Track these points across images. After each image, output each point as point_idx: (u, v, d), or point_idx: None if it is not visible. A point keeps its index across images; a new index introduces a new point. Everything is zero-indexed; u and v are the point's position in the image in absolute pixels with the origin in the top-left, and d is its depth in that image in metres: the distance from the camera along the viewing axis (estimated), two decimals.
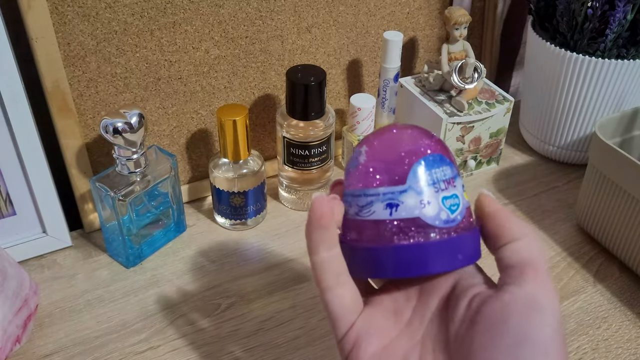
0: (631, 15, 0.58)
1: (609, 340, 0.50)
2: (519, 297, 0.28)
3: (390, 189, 0.30)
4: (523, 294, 0.29)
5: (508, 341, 0.27)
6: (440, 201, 0.30)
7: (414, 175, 0.30)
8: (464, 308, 0.30)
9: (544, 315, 0.28)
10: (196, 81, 0.59)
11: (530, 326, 0.27)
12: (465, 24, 0.62)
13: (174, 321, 0.51)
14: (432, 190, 0.30)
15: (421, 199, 0.30)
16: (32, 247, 0.55)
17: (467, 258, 0.30)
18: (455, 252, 0.30)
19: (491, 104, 0.65)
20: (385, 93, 0.66)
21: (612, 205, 0.55)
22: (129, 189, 0.51)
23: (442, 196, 0.30)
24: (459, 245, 0.30)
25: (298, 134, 0.58)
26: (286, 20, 0.60)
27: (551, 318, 0.28)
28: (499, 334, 0.28)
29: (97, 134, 0.56)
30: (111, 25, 0.52)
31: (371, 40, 0.67)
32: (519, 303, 0.28)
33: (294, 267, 0.56)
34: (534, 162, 0.71)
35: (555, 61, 0.62)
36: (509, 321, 0.28)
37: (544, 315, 0.28)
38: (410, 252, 0.30)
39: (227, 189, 0.57)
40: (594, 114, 0.64)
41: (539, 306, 0.28)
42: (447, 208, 0.30)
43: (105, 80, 0.54)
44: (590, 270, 0.57)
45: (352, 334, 0.31)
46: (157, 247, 0.58)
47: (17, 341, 0.46)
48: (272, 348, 0.49)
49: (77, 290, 0.53)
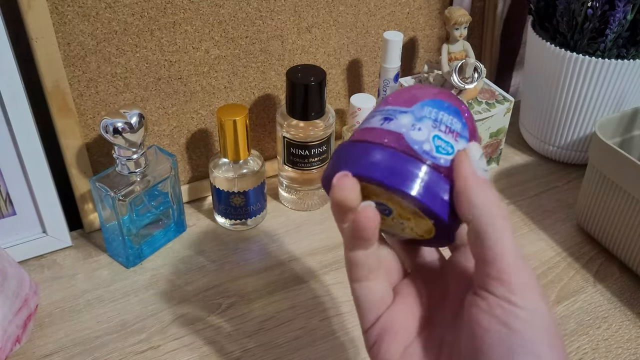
0: (631, 15, 0.58)
1: (609, 340, 0.50)
2: (494, 302, 0.27)
3: (394, 108, 0.31)
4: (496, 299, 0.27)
5: (498, 351, 0.26)
6: (431, 135, 0.29)
7: (420, 106, 0.30)
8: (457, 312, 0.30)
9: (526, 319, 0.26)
10: (196, 81, 0.59)
11: (515, 334, 0.26)
12: (465, 24, 0.62)
13: (174, 321, 0.51)
14: (430, 124, 0.30)
15: (414, 123, 0.29)
16: (32, 247, 0.55)
17: (426, 195, 0.28)
18: (413, 177, 0.28)
19: (491, 104, 0.65)
20: (385, 93, 0.66)
21: (612, 205, 0.55)
22: (129, 189, 0.51)
23: (436, 134, 0.29)
24: (420, 176, 0.28)
25: (298, 134, 0.58)
26: (286, 20, 0.60)
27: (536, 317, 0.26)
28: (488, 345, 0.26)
29: (97, 134, 0.56)
30: (111, 25, 0.52)
31: (371, 40, 0.67)
32: (496, 309, 0.26)
33: (294, 267, 0.56)
34: (534, 162, 0.71)
35: (555, 61, 0.62)
36: (491, 331, 0.26)
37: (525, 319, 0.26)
38: (373, 152, 0.29)
39: (227, 189, 0.57)
40: (594, 114, 0.64)
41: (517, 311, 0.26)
42: (434, 144, 0.29)
43: (105, 80, 0.54)
44: (590, 270, 0.57)
45: (377, 327, 0.31)
46: (157, 247, 0.58)
47: (17, 341, 0.46)
48: (272, 348, 0.49)
49: (77, 290, 0.53)
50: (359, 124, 0.64)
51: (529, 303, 0.26)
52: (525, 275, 0.27)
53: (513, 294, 0.26)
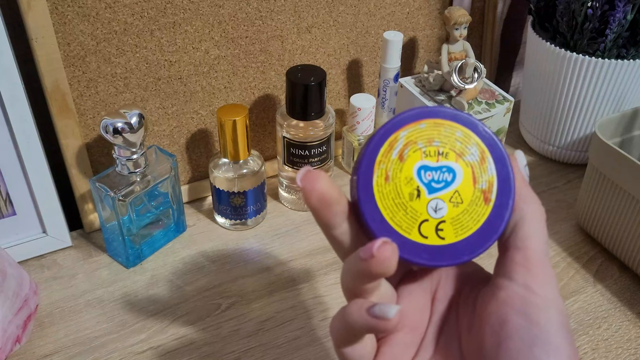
0: (631, 15, 0.58)
1: (609, 340, 0.50)
2: (514, 292, 0.26)
3: None
4: (516, 287, 0.27)
5: (516, 345, 0.25)
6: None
7: None
8: (470, 314, 0.29)
9: (546, 310, 0.26)
10: (196, 81, 0.59)
11: (534, 326, 0.25)
12: (465, 24, 0.62)
13: (174, 321, 0.51)
14: None
15: None
16: (32, 247, 0.55)
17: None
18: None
19: (491, 104, 0.65)
20: (385, 93, 0.67)
21: (612, 205, 0.55)
22: (129, 189, 0.51)
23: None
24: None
25: (298, 134, 0.58)
26: (286, 20, 0.60)
27: (553, 310, 0.26)
28: (506, 338, 0.26)
29: (97, 134, 0.56)
30: (111, 25, 0.52)
31: (371, 40, 0.67)
32: (515, 299, 0.26)
33: (294, 267, 0.56)
34: (534, 162, 0.71)
35: (555, 61, 0.62)
36: (510, 322, 0.26)
37: (544, 310, 0.26)
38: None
39: (227, 189, 0.57)
40: (594, 114, 0.64)
41: (537, 300, 0.26)
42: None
43: (105, 80, 0.54)
44: (590, 270, 0.57)
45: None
46: (157, 247, 0.58)
47: (17, 341, 0.46)
48: (272, 348, 0.49)
49: (77, 290, 0.53)
50: (358, 124, 0.64)
51: (548, 293, 0.26)
52: (547, 270, 0.27)
53: (534, 282, 0.26)
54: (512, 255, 0.27)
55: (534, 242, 0.27)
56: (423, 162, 0.28)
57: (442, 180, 0.28)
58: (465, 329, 0.29)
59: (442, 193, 0.28)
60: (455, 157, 0.28)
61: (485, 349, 0.27)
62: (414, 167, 0.28)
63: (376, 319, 0.26)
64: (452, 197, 0.28)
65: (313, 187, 0.26)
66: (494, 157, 0.29)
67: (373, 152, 0.28)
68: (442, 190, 0.28)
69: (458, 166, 0.28)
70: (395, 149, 0.28)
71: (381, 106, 0.67)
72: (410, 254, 0.28)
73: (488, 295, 0.28)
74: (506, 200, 0.28)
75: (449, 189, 0.28)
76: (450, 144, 0.28)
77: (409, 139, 0.28)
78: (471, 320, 0.29)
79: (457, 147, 0.28)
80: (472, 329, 0.28)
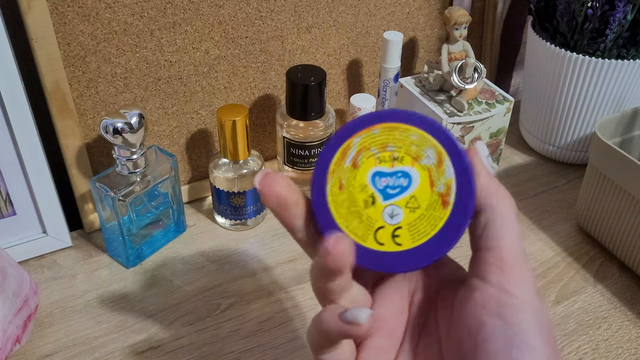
0: (631, 16, 0.58)
1: (609, 340, 0.50)
2: (489, 294, 0.26)
3: None
4: (491, 289, 0.26)
5: (494, 347, 0.25)
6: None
7: None
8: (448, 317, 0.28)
9: (522, 311, 0.25)
10: (196, 81, 0.59)
11: (510, 327, 0.25)
12: (465, 24, 0.62)
13: (174, 321, 0.51)
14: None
15: None
16: (32, 247, 0.55)
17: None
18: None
19: (491, 104, 0.65)
20: (385, 93, 0.67)
21: (612, 205, 0.55)
22: (129, 189, 0.52)
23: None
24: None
25: (298, 134, 0.58)
26: (286, 20, 0.60)
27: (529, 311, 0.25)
28: (483, 341, 0.25)
29: (97, 134, 0.56)
30: (111, 26, 0.52)
31: (371, 40, 0.67)
32: (490, 301, 0.26)
33: (294, 268, 0.56)
34: (534, 162, 0.71)
35: (555, 61, 0.62)
36: (487, 325, 0.26)
37: (521, 311, 0.25)
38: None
39: (227, 189, 0.57)
40: (594, 114, 0.64)
41: (513, 301, 0.25)
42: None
43: (105, 80, 0.54)
44: (590, 270, 0.57)
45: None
46: (157, 247, 0.58)
47: (17, 341, 0.46)
48: (271, 348, 0.49)
49: (77, 291, 0.53)
50: None
51: (523, 294, 0.26)
52: (523, 270, 0.26)
53: (509, 283, 0.26)
54: (484, 256, 0.27)
55: (506, 241, 0.27)
56: (377, 169, 0.28)
57: (398, 185, 0.28)
58: (444, 332, 0.29)
59: (398, 199, 0.28)
60: (411, 161, 0.28)
61: (464, 352, 0.26)
62: (367, 173, 0.28)
63: (348, 324, 0.26)
64: (408, 202, 0.28)
65: (271, 190, 0.26)
66: (452, 158, 0.28)
67: (325, 161, 0.28)
68: (397, 196, 0.28)
69: (414, 170, 0.28)
70: (349, 156, 0.28)
71: (381, 106, 0.67)
72: (366, 262, 0.28)
73: (464, 296, 0.27)
74: (466, 201, 0.28)
75: (405, 195, 0.28)
76: (405, 148, 0.28)
77: (362, 146, 0.28)
78: (450, 322, 0.28)
79: (412, 150, 0.28)
80: (451, 332, 0.28)
